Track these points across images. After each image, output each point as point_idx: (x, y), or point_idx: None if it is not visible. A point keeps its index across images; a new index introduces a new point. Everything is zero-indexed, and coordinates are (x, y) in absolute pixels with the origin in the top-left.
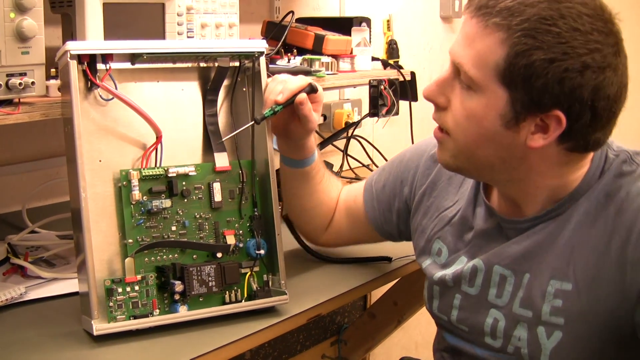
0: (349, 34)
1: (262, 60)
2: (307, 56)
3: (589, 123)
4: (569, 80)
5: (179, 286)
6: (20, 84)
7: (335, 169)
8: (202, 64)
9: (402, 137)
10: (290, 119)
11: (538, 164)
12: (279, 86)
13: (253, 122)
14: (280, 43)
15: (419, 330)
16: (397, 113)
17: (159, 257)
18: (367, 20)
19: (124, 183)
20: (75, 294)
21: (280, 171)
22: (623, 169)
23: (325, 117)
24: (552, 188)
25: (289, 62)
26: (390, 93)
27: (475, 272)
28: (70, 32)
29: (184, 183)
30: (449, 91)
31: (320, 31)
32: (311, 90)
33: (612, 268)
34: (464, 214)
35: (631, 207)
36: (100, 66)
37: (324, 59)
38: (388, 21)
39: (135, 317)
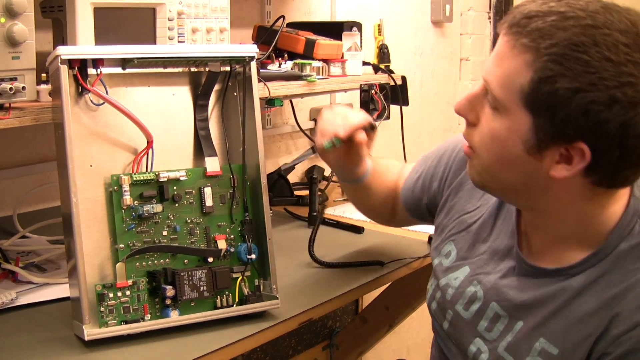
0: (340, 38)
1: (253, 65)
2: (298, 61)
3: (617, 160)
4: (595, 113)
5: (170, 291)
6: (10, 88)
7: (327, 173)
8: (193, 69)
9: (393, 142)
10: (345, 152)
11: (563, 196)
12: (338, 118)
13: (311, 149)
14: (271, 48)
15: (411, 334)
16: (388, 117)
17: (150, 262)
18: (358, 25)
19: (115, 188)
20: (67, 299)
21: (340, 184)
22: None
23: (316, 122)
24: (576, 234)
25: (280, 66)
26: (381, 97)
27: (473, 299)
28: (61, 36)
29: (175, 188)
30: (479, 108)
31: (311, 36)
32: (370, 128)
33: (587, 346)
34: (483, 224)
35: (629, 314)
36: (91, 71)
37: (315, 63)
38: (379, 25)
39: (126, 322)
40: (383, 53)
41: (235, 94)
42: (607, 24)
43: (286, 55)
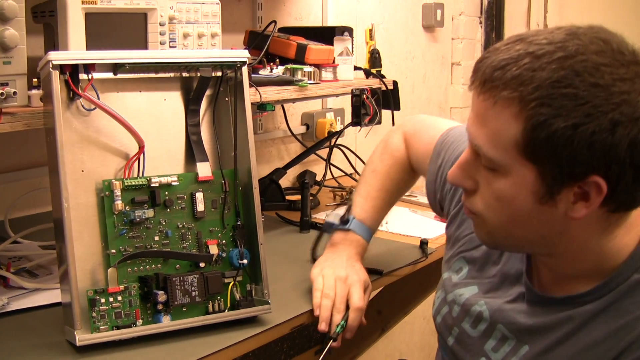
0: (332, 43)
1: (245, 70)
2: (290, 65)
3: (632, 180)
4: (600, 142)
5: (162, 296)
6: (2, 94)
7: (319, 177)
8: (185, 74)
9: None
10: None
11: (579, 235)
12: (340, 303)
13: (330, 340)
14: (262, 52)
15: (403, 338)
16: (379, 122)
17: (141, 267)
18: (350, 30)
19: (107, 193)
20: (58, 304)
21: None
22: None
23: (308, 127)
24: (588, 270)
25: (271, 71)
26: (373, 102)
27: (479, 319)
28: (53, 41)
29: (166, 193)
30: (474, 172)
31: (303, 41)
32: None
33: None
34: None
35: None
36: (82, 76)
37: (307, 68)
38: (370, 30)
39: (118, 328)
40: (374, 58)
41: (226, 99)
42: (579, 49)
43: (278, 60)
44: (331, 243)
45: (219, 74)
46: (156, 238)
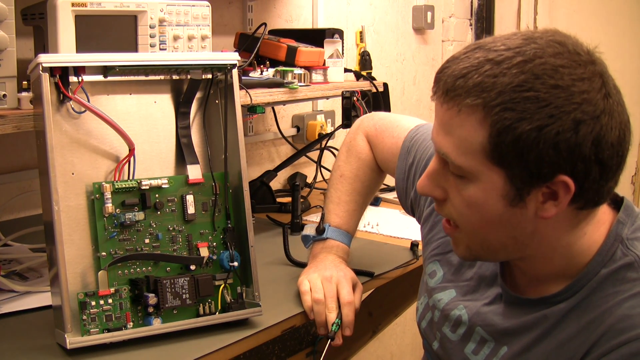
0: (322, 45)
1: (235, 72)
2: (280, 68)
3: (599, 177)
4: (564, 142)
5: (152, 299)
6: None
7: (309, 179)
8: (175, 77)
9: None
10: None
11: (550, 234)
12: (331, 302)
13: (329, 340)
14: (252, 55)
15: (394, 340)
16: None
17: (132, 270)
18: (340, 32)
19: (97, 196)
20: (49, 307)
21: None
22: (627, 275)
23: (298, 129)
24: (559, 271)
25: (261, 74)
26: (363, 104)
27: (458, 323)
28: (43, 44)
29: (157, 195)
30: (443, 181)
31: (293, 43)
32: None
33: None
34: None
35: (609, 341)
36: (72, 79)
37: (297, 70)
38: (360, 33)
39: (108, 330)
40: (365, 60)
41: (217, 101)
42: (537, 53)
43: (268, 62)
44: (312, 255)
45: (209, 76)
46: (147, 241)
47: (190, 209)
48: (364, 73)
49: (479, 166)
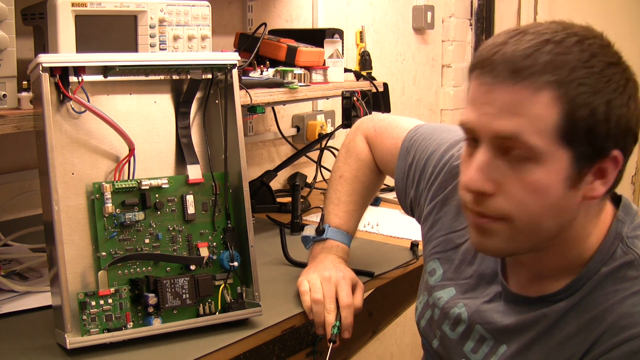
0: (322, 45)
1: (235, 72)
2: (280, 68)
3: (630, 153)
4: (624, 116)
5: (152, 299)
6: None
7: (309, 180)
8: (175, 77)
9: None
10: None
11: (580, 222)
12: (330, 303)
13: (331, 343)
14: (252, 55)
15: (394, 340)
16: None
17: (132, 270)
18: (340, 32)
19: (97, 196)
20: (49, 307)
21: None
22: (627, 273)
23: (298, 129)
24: (562, 264)
25: (261, 74)
26: (363, 104)
27: (458, 321)
28: (42, 44)
29: (157, 195)
30: (495, 173)
31: (293, 43)
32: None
33: None
34: (469, 246)
35: (609, 340)
36: (72, 79)
37: (297, 70)
38: (360, 33)
39: (108, 330)
40: (365, 60)
41: (217, 101)
42: (585, 34)
43: (268, 62)
44: (312, 256)
45: (209, 76)
46: (147, 241)
47: (190, 209)
48: (364, 73)
49: (550, 146)
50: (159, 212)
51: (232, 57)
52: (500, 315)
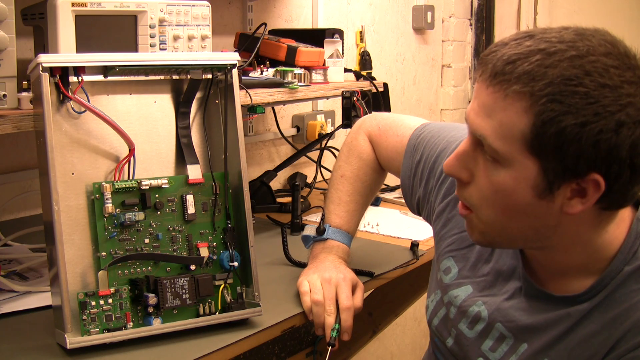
0: (322, 45)
1: (235, 72)
2: (280, 68)
3: (629, 180)
4: (605, 142)
5: (152, 299)
6: None
7: (309, 179)
8: (175, 77)
9: None
10: None
11: (572, 230)
12: (330, 305)
13: (330, 347)
14: (252, 55)
15: (394, 340)
16: None
17: (132, 270)
18: (340, 32)
19: (97, 196)
20: (49, 307)
21: None
22: None
23: (298, 129)
24: (579, 266)
25: (261, 74)
26: (363, 104)
27: (477, 319)
28: (42, 44)
29: (157, 195)
30: (472, 164)
31: (293, 43)
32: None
33: None
34: None
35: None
36: (72, 79)
37: (297, 70)
38: (360, 33)
39: (108, 330)
40: (365, 60)
41: (217, 101)
42: (590, 50)
43: (268, 62)
44: (312, 256)
45: (209, 76)
46: (147, 241)
47: (190, 209)
48: (364, 73)
49: (516, 153)
50: (159, 212)
51: (232, 57)
52: (521, 313)
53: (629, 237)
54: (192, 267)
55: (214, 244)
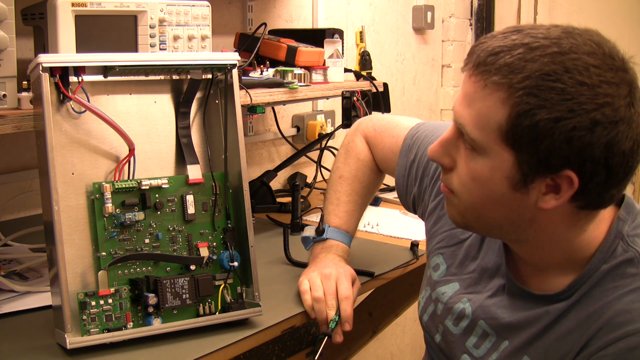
0: (322, 45)
1: (235, 72)
2: (280, 68)
3: (604, 181)
4: (578, 139)
5: (152, 299)
6: None
7: (309, 179)
8: (175, 77)
9: None
10: None
11: (547, 226)
12: (330, 299)
13: (326, 337)
14: (252, 55)
15: (394, 340)
16: None
17: (132, 270)
18: (340, 32)
19: (97, 196)
20: (49, 307)
21: None
22: (627, 270)
23: (298, 129)
24: (559, 263)
25: (261, 74)
26: (363, 104)
27: (462, 316)
28: (42, 44)
29: (157, 195)
30: (454, 151)
31: (293, 43)
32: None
33: None
34: (473, 241)
35: (606, 337)
36: (72, 79)
37: (297, 70)
38: (360, 32)
39: (108, 330)
40: (365, 60)
41: (217, 101)
42: (573, 48)
43: (268, 62)
44: (312, 256)
45: (209, 76)
46: (147, 241)
47: (190, 209)
48: (364, 73)
49: (492, 143)
50: (159, 212)
51: (232, 57)
52: (503, 310)
53: (608, 236)
54: (192, 267)
55: (214, 244)
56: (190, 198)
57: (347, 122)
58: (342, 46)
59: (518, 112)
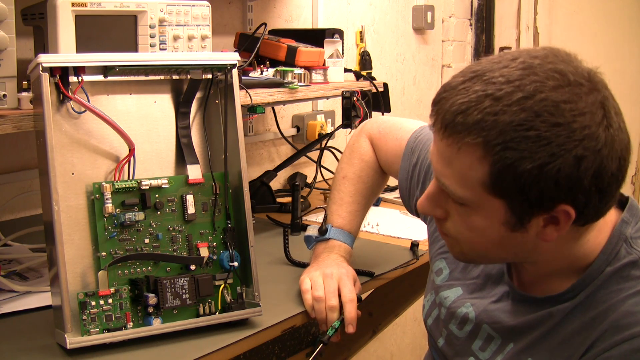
0: (322, 45)
1: (235, 72)
2: (280, 68)
3: (599, 202)
4: (565, 178)
5: (152, 299)
6: None
7: (309, 180)
8: (175, 77)
9: None
10: None
11: (550, 248)
12: (332, 298)
13: (321, 344)
14: (252, 55)
15: (394, 340)
16: None
17: (132, 270)
18: (340, 32)
19: (97, 196)
20: (49, 307)
21: None
22: (631, 272)
23: (298, 129)
24: (563, 269)
25: (261, 74)
26: (363, 104)
27: (465, 320)
28: (42, 44)
29: (157, 195)
30: (444, 202)
31: (293, 43)
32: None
33: None
34: None
35: (608, 339)
36: (72, 79)
37: (297, 70)
38: (360, 33)
39: (108, 330)
40: (365, 60)
41: (217, 101)
42: (538, 88)
43: (268, 62)
44: (315, 256)
45: (209, 76)
46: (146, 241)
47: (190, 209)
48: (364, 73)
49: (479, 198)
50: (159, 212)
51: (232, 57)
52: (507, 315)
53: (611, 238)
54: (192, 267)
55: (214, 244)
56: (190, 198)
57: (347, 122)
58: (342, 46)
59: (499, 168)
